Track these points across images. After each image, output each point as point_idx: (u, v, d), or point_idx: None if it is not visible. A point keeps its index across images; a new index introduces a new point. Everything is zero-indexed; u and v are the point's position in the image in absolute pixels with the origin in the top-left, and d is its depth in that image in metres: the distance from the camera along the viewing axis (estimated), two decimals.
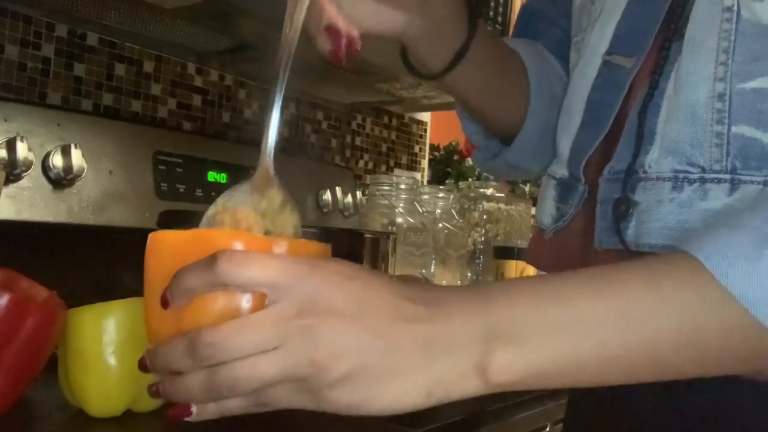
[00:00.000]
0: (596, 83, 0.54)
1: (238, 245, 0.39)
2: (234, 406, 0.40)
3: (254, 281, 0.38)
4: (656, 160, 0.48)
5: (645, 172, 0.49)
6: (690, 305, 0.37)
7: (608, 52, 0.53)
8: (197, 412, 0.40)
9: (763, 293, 0.35)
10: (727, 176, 0.45)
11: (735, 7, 0.44)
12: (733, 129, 0.44)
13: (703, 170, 0.46)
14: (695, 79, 0.46)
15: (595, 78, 0.54)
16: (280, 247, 0.41)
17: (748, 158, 0.44)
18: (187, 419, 0.40)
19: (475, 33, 0.59)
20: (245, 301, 0.38)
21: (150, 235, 0.43)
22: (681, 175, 0.47)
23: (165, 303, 0.40)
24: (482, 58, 0.61)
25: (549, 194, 0.60)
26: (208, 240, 0.40)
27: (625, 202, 0.49)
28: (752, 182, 0.44)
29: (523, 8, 0.74)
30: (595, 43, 0.55)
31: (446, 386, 0.38)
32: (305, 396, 0.38)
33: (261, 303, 0.38)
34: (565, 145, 0.57)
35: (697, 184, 0.46)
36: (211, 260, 0.38)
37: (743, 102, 0.44)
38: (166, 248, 0.42)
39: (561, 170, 0.58)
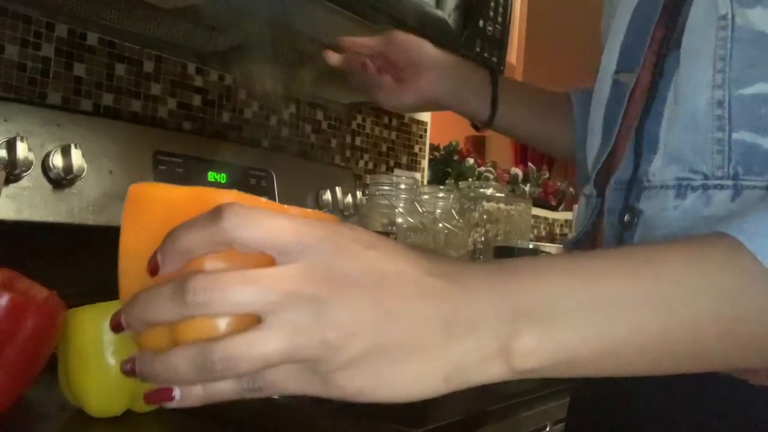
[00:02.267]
0: (608, 102, 0.55)
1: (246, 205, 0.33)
2: (224, 390, 0.34)
3: (263, 242, 0.33)
4: (660, 168, 0.48)
5: (649, 180, 0.49)
6: (732, 288, 0.34)
7: (616, 71, 0.54)
8: (180, 397, 0.34)
9: None
10: (730, 182, 0.45)
11: (729, 15, 0.45)
12: (734, 135, 0.45)
13: (706, 177, 0.46)
14: (694, 87, 0.46)
15: (608, 97, 0.55)
16: (291, 211, 0.35)
17: (749, 164, 0.44)
18: (166, 405, 0.34)
19: (497, 87, 0.76)
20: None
21: (131, 188, 0.36)
22: (684, 183, 0.47)
23: (154, 269, 0.34)
24: (518, 105, 0.78)
25: (579, 210, 0.61)
26: (209, 200, 0.34)
27: (630, 211, 0.50)
28: (754, 187, 0.44)
29: None
30: (606, 64, 0.56)
31: (466, 370, 0.34)
32: (311, 379, 0.33)
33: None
34: (590, 164, 0.59)
35: (700, 190, 0.46)
36: (214, 214, 0.33)
37: (742, 108, 0.44)
38: (155, 206, 0.35)
39: (589, 188, 0.59)
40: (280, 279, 0.32)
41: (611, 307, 0.34)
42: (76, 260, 0.97)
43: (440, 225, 1.41)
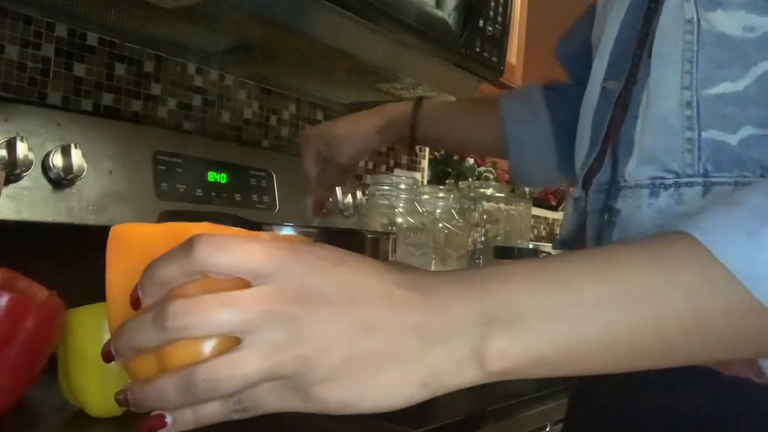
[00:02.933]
0: (596, 109, 0.57)
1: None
2: (213, 412, 0.35)
3: (235, 267, 0.34)
4: (635, 169, 0.50)
5: (625, 180, 0.51)
6: (694, 285, 0.35)
7: (605, 79, 0.57)
8: (172, 423, 0.36)
9: (764, 270, 0.34)
10: (700, 179, 0.47)
11: (695, 19, 0.46)
12: (704, 134, 0.46)
13: (678, 175, 0.48)
14: (664, 89, 0.48)
15: (596, 104, 0.57)
16: (262, 236, 0.37)
17: (718, 161, 0.46)
18: None
19: (418, 111, 0.91)
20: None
21: (113, 229, 0.39)
22: (657, 182, 0.49)
23: (136, 302, 0.36)
24: (441, 125, 0.91)
25: (567, 212, 0.63)
26: (183, 234, 0.36)
27: (608, 211, 0.52)
28: (723, 183, 0.46)
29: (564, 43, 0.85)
30: (595, 73, 0.58)
31: (442, 376, 0.35)
32: (292, 395, 0.35)
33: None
34: (577, 168, 0.61)
35: (673, 189, 0.48)
36: (187, 246, 0.34)
37: (709, 108, 0.46)
38: (135, 243, 0.38)
39: (577, 191, 0.61)
40: (254, 299, 0.34)
41: (578, 309, 0.35)
42: (76, 260, 0.97)
43: (440, 225, 1.41)
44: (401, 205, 1.33)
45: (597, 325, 0.35)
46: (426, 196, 1.44)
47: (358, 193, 1.45)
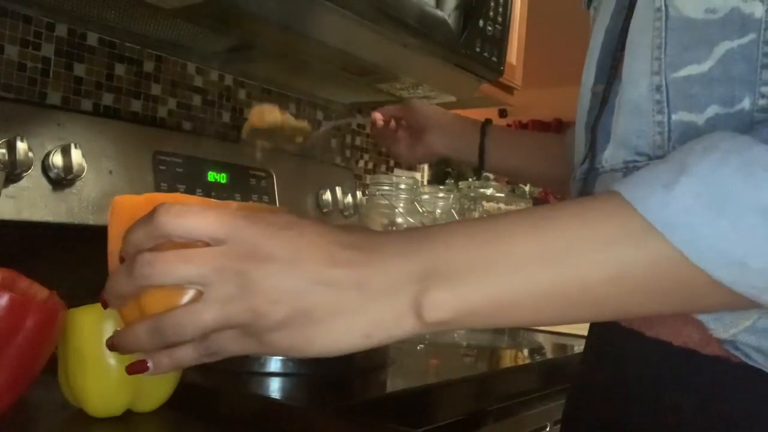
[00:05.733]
0: (588, 112, 0.59)
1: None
2: (185, 355, 0.41)
3: (192, 232, 0.39)
4: (610, 154, 0.52)
5: (602, 167, 0.53)
6: (615, 237, 0.38)
7: (594, 84, 0.58)
8: (153, 366, 0.42)
9: (678, 216, 0.36)
10: None
11: (663, 7, 0.48)
12: (673, 117, 0.47)
13: (649, 157, 0.49)
14: (635, 76, 0.50)
15: (587, 110, 0.59)
16: (233, 205, 0.42)
17: (686, 141, 0.47)
18: (145, 374, 0.42)
19: (485, 139, 0.95)
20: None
21: (114, 199, 0.46)
22: (631, 165, 0.50)
23: (122, 261, 0.42)
24: (508, 152, 0.95)
25: None
26: (159, 202, 0.41)
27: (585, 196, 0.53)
28: None
29: None
30: (585, 79, 0.60)
31: (384, 327, 0.39)
32: (249, 341, 0.39)
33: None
34: (574, 170, 0.62)
35: None
36: (151, 213, 0.40)
37: (677, 90, 0.47)
38: (124, 211, 0.44)
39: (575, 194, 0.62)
40: (208, 257, 0.39)
41: (506, 263, 0.38)
42: (76, 260, 0.97)
43: None
44: (401, 205, 1.33)
45: (524, 277, 0.38)
46: (426, 196, 1.44)
47: (358, 193, 1.45)
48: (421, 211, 1.36)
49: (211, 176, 1.15)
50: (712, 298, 0.38)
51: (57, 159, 0.93)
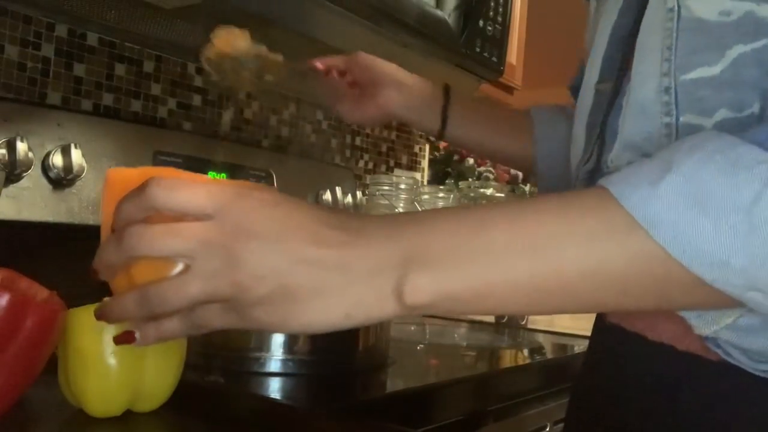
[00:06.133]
0: (591, 111, 0.58)
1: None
2: (171, 327, 0.42)
3: (181, 205, 0.40)
4: (617, 155, 0.51)
5: (608, 167, 0.52)
6: (595, 231, 0.38)
7: (598, 82, 0.57)
8: (140, 337, 0.43)
9: (661, 214, 0.36)
10: None
11: (675, 7, 0.47)
12: (681, 119, 0.47)
13: None
14: (644, 77, 0.49)
15: (590, 107, 0.58)
16: (221, 183, 0.42)
17: None
18: (132, 345, 0.43)
19: (449, 104, 0.83)
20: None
21: (107, 171, 0.46)
22: None
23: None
24: (472, 122, 0.84)
25: None
26: (151, 176, 0.42)
27: None
28: None
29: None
30: (588, 77, 0.59)
31: (365, 308, 0.39)
32: (232, 315, 0.40)
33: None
34: (574, 170, 0.61)
35: None
36: (142, 186, 0.40)
37: (686, 93, 0.47)
38: (116, 184, 0.45)
39: None
40: (195, 231, 0.39)
41: (486, 252, 0.39)
42: (76, 260, 0.97)
43: None
44: (401, 205, 1.33)
45: (502, 267, 0.39)
46: (426, 196, 1.44)
47: (358, 193, 1.45)
48: (420, 211, 1.36)
49: (211, 176, 1.15)
50: (692, 296, 0.39)
51: (57, 159, 0.93)
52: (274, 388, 0.68)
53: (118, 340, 0.44)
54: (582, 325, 0.63)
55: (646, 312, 0.49)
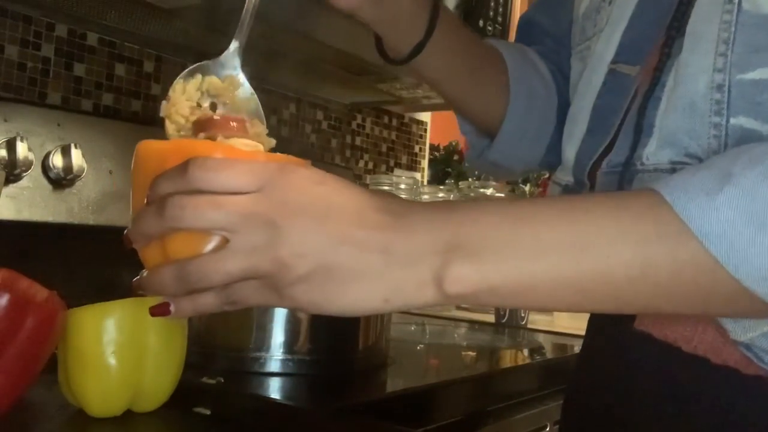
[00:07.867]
0: (602, 91, 0.54)
1: (217, 155, 0.40)
2: (207, 302, 0.41)
3: (225, 186, 0.39)
4: (654, 152, 0.48)
5: (642, 164, 0.49)
6: (647, 237, 0.37)
7: (614, 61, 0.53)
8: (175, 310, 0.42)
9: (718, 227, 0.36)
10: None
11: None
12: (732, 120, 0.44)
13: (701, 161, 0.45)
14: (694, 70, 0.46)
15: (601, 86, 0.54)
16: (260, 157, 0.41)
17: None
18: (167, 317, 0.43)
19: (435, 24, 0.62)
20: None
21: (138, 144, 0.46)
22: (678, 167, 0.46)
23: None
24: (452, 49, 0.66)
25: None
26: (189, 149, 0.41)
27: None
28: None
29: (520, 18, 0.77)
30: (601, 52, 0.55)
31: (404, 294, 0.39)
32: (270, 293, 0.39)
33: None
34: (570, 152, 0.57)
35: None
36: (183, 167, 0.39)
37: (742, 93, 0.44)
38: (150, 157, 0.44)
39: (566, 177, 0.58)
40: (239, 204, 0.39)
41: (531, 247, 0.38)
42: (76, 260, 0.97)
43: None
44: None
45: (546, 263, 0.38)
46: (426, 196, 1.44)
47: None
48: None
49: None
50: (735, 305, 0.38)
51: (57, 159, 0.93)
52: (274, 388, 0.68)
53: (154, 311, 0.43)
54: (582, 325, 0.63)
55: (684, 316, 0.48)
